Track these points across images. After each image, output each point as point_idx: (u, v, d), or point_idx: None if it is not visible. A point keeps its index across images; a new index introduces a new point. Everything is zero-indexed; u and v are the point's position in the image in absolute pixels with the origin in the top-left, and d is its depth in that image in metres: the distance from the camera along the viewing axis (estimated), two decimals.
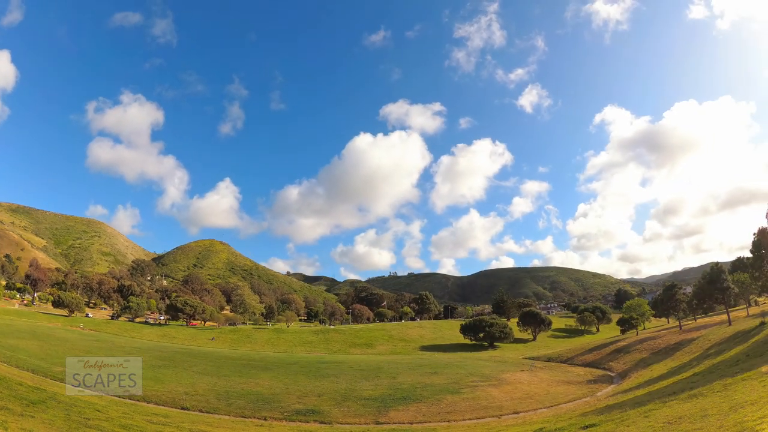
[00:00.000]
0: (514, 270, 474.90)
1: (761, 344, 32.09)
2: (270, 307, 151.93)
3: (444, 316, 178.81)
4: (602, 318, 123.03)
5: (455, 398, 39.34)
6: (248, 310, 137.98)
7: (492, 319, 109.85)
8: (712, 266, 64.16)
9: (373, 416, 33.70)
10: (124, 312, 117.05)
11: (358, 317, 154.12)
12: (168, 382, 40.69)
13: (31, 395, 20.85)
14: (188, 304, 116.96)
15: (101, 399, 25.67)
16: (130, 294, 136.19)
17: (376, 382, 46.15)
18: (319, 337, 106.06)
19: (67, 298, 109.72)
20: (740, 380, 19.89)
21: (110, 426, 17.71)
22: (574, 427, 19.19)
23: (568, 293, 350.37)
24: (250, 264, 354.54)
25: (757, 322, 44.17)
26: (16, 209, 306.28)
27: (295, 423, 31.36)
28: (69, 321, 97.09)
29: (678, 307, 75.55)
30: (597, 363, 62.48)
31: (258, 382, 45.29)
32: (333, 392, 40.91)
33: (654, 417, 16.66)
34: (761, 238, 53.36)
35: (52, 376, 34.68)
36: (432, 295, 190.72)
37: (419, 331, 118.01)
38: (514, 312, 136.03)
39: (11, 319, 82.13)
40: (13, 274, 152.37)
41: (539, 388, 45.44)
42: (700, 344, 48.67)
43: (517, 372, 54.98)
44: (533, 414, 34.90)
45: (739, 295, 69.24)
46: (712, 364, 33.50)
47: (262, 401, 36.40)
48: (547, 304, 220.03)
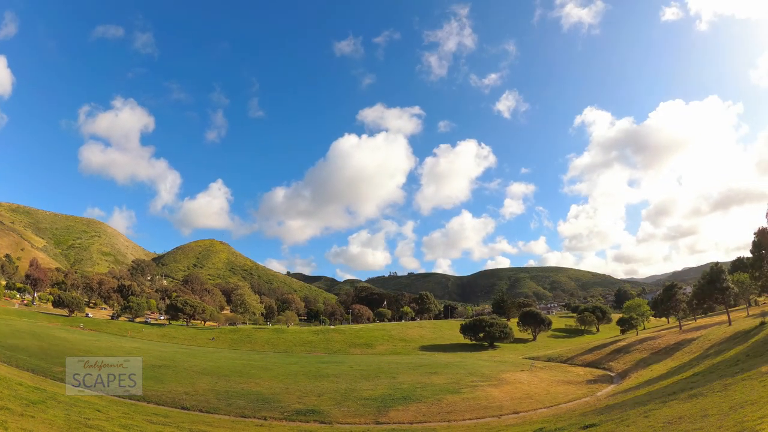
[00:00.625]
0: (514, 270, 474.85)
1: (761, 344, 32.07)
2: (270, 307, 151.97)
3: (444, 316, 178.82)
4: (602, 318, 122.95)
5: (455, 398, 39.34)
6: (248, 310, 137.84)
7: (492, 319, 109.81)
8: (712, 266, 64.14)
9: (373, 416, 33.71)
10: (124, 312, 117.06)
11: (358, 317, 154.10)
12: (168, 382, 40.70)
13: (31, 395, 20.85)
14: (188, 304, 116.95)
15: (101, 399, 25.67)
16: (130, 294, 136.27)
17: (376, 382, 46.16)
18: (319, 337, 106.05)
19: (67, 298, 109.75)
20: (740, 380, 19.89)
21: (110, 426, 17.71)
22: (574, 427, 19.20)
23: (568, 293, 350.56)
24: (250, 264, 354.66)
25: (757, 322, 44.15)
26: (16, 209, 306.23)
27: (295, 423, 31.36)
28: (69, 321, 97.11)
29: (678, 307, 75.58)
30: (597, 363, 62.48)
31: (258, 382, 45.30)
32: (333, 392, 40.91)
33: (654, 417, 16.66)
34: (761, 238, 53.33)
35: (52, 376, 34.69)
36: (432, 295, 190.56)
37: (419, 331, 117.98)
38: (514, 312, 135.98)
39: (11, 319, 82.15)
40: (13, 274, 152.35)
41: (539, 388, 45.45)
42: (700, 344, 48.65)
43: (517, 372, 54.98)
44: (533, 414, 34.91)
45: (739, 295, 69.29)
46: (712, 364, 33.50)
47: (262, 401, 36.41)
48: (547, 304, 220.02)
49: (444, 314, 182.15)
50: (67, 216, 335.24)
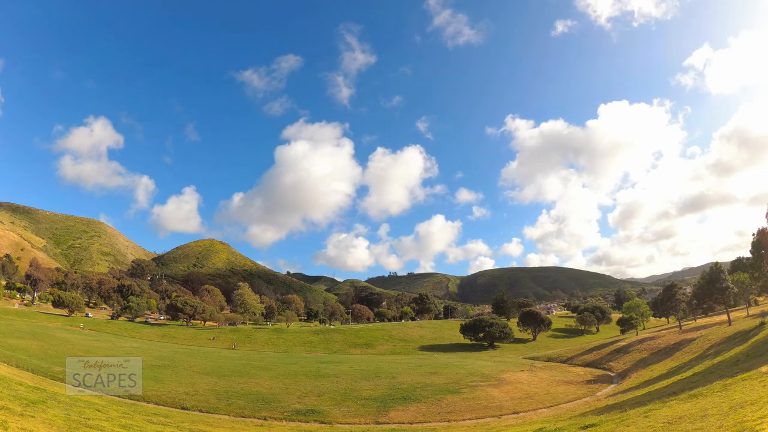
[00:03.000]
0: (514, 270, 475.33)
1: (761, 344, 32.08)
2: (270, 307, 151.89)
3: (444, 316, 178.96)
4: (602, 318, 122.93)
5: (455, 398, 39.35)
6: (248, 310, 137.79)
7: (492, 319, 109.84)
8: (711, 266, 64.15)
9: (373, 416, 33.71)
10: (124, 312, 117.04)
11: (358, 317, 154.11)
12: (168, 382, 40.69)
13: (31, 395, 20.84)
14: (188, 304, 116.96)
15: (101, 399, 25.66)
16: (130, 294, 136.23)
17: (376, 382, 46.15)
18: (319, 337, 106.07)
19: (67, 297, 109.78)
20: (740, 380, 19.89)
21: (110, 426, 17.71)
22: (574, 427, 19.20)
23: (567, 293, 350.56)
24: (250, 264, 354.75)
25: (757, 322, 44.17)
26: (16, 209, 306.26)
27: (295, 423, 31.35)
28: (69, 321, 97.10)
29: (678, 307, 75.64)
30: (597, 363, 62.49)
31: (258, 382, 45.28)
32: (333, 392, 40.90)
33: (654, 417, 16.66)
34: (761, 238, 53.35)
35: (52, 376, 34.66)
36: (432, 295, 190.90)
37: (419, 331, 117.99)
38: (514, 312, 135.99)
39: (11, 319, 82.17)
40: (13, 274, 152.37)
41: (539, 388, 45.46)
42: (699, 344, 48.67)
43: (517, 372, 54.98)
44: (533, 414, 34.92)
45: (739, 295, 69.11)
46: (711, 364, 33.50)
47: (262, 401, 36.39)
48: (547, 304, 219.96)
49: (444, 314, 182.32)
50: (67, 216, 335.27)
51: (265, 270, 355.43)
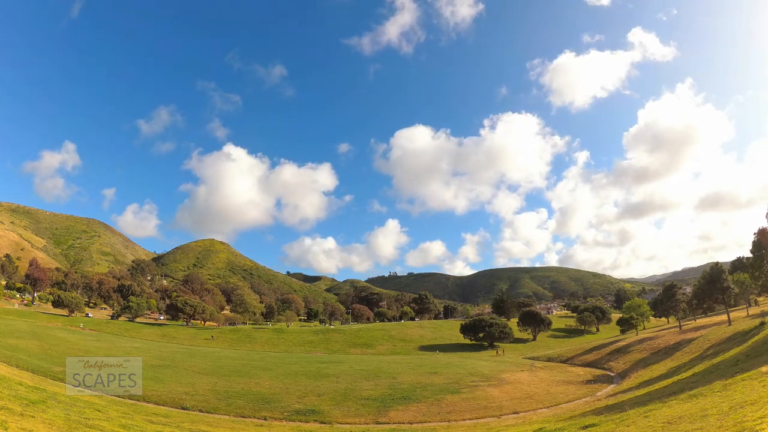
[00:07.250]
0: (514, 270, 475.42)
1: (761, 344, 32.07)
2: (270, 306, 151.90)
3: (444, 315, 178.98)
4: (602, 318, 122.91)
5: (455, 398, 39.35)
6: (248, 310, 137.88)
7: (492, 318, 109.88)
8: (712, 266, 64.12)
9: (373, 416, 33.71)
10: (124, 312, 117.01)
11: (358, 317, 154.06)
12: (168, 382, 40.68)
13: (31, 395, 20.83)
14: (188, 304, 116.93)
15: (101, 399, 25.65)
16: (130, 294, 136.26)
17: (376, 382, 46.15)
18: (319, 337, 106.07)
19: (67, 297, 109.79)
20: (740, 380, 19.88)
21: (110, 426, 17.71)
22: (574, 427, 19.20)
23: (567, 293, 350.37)
24: (250, 264, 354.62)
25: (757, 322, 44.13)
26: (16, 209, 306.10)
27: (295, 423, 31.36)
28: (69, 321, 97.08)
29: (678, 307, 75.58)
30: (597, 363, 62.48)
31: (258, 382, 45.28)
32: (333, 392, 40.90)
33: (654, 417, 16.66)
34: (761, 238, 53.32)
35: (52, 376, 34.65)
36: (432, 295, 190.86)
37: (419, 331, 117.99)
38: (514, 312, 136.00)
39: (11, 319, 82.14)
40: (13, 273, 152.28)
41: (539, 388, 45.46)
42: (699, 344, 48.65)
43: (517, 372, 54.98)
44: (533, 414, 34.93)
45: (739, 295, 69.18)
46: (711, 364, 33.48)
47: (262, 401, 36.39)
48: (547, 304, 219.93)
49: (444, 314, 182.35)
50: (67, 216, 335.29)
51: (265, 270, 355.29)
